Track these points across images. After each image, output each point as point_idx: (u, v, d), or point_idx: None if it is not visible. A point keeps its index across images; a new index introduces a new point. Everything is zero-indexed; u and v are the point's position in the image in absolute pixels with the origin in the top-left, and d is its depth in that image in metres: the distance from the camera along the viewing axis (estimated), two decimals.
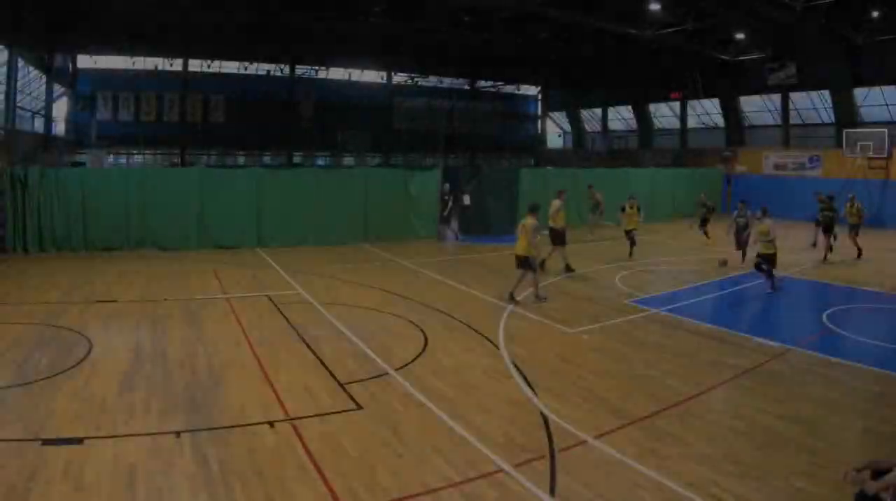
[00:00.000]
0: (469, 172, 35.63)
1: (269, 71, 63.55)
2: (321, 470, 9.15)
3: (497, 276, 23.45)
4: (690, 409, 11.65)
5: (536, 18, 45.47)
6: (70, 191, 26.90)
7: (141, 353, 14.25)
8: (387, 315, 18.16)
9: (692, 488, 8.80)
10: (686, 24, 41.69)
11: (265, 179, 30.16)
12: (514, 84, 76.79)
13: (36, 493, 8.29)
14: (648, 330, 16.99)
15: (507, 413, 11.36)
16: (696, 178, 48.44)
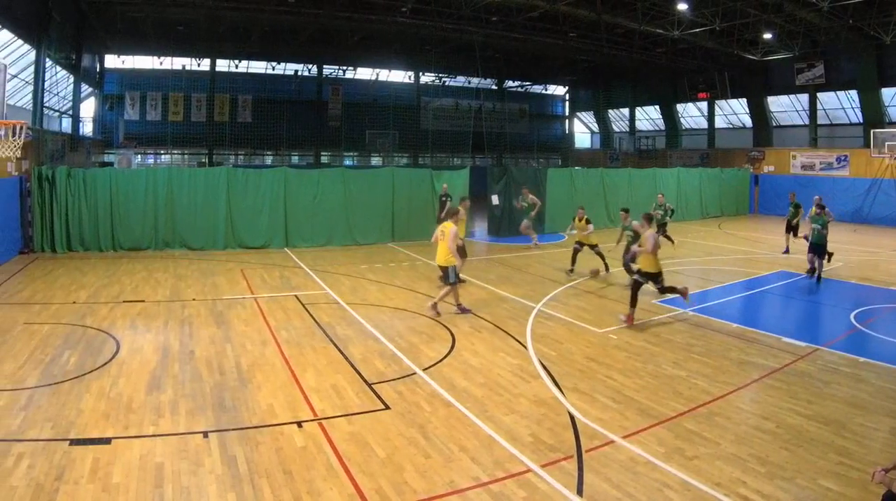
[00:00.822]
0: (497, 172, 35.49)
1: (297, 71, 63.83)
2: (349, 470, 9.21)
3: (524, 276, 23.46)
4: (718, 409, 11.63)
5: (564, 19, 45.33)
6: (98, 191, 27.05)
7: (169, 353, 14.35)
8: (414, 315, 18.18)
9: (720, 488, 8.82)
10: (714, 23, 41.48)
11: (292, 179, 30.15)
12: (541, 84, 76.66)
13: (64, 493, 8.36)
14: (676, 330, 16.94)
15: (535, 412, 11.37)
16: (723, 178, 48.20)
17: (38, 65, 36.13)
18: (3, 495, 8.24)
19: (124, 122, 56.08)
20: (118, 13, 44.03)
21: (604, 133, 76.58)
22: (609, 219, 38.39)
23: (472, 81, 69.23)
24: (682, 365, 14.06)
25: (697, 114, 64.21)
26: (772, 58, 50.21)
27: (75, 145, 42.36)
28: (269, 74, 62.90)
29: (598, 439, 10.33)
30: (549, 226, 35.38)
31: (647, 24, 43.54)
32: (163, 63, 56.94)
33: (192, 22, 48.32)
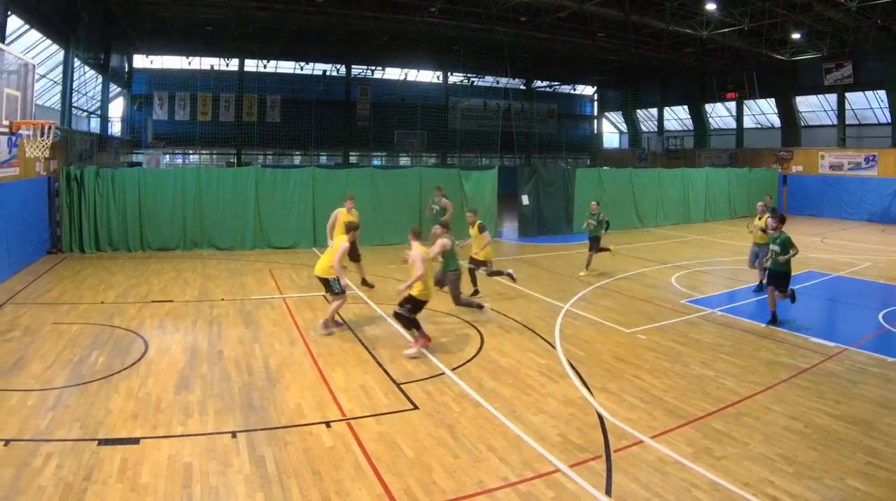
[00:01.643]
0: (526, 173, 35.48)
1: (326, 71, 64.11)
2: (377, 470, 9.26)
3: (553, 276, 23.47)
4: (746, 409, 11.62)
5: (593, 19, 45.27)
6: (126, 191, 27.20)
7: (197, 353, 14.44)
8: (443, 315, 18.21)
9: (748, 488, 8.82)
10: (742, 23, 41.32)
11: (321, 179, 30.22)
12: (570, 84, 76.58)
13: (92, 493, 8.44)
14: (704, 330, 16.92)
15: (563, 412, 11.39)
16: (751, 178, 48.03)
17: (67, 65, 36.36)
18: (32, 495, 8.34)
19: (153, 122, 56.39)
20: (146, 13, 44.29)
21: (632, 133, 76.39)
22: (638, 220, 38.39)
23: (501, 81, 69.16)
24: (710, 365, 14.05)
25: (726, 114, 63.98)
26: (800, 58, 50.04)
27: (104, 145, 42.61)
28: (297, 74, 63.14)
29: (626, 439, 10.35)
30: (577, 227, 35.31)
31: (675, 24, 43.39)
32: (191, 63, 57.20)
33: (220, 22, 48.44)
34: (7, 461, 9.20)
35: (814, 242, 33.56)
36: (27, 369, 13.01)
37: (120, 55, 52.76)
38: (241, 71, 60.49)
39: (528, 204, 34.49)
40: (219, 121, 57.90)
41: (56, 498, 8.28)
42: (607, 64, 64.36)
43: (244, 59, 59.95)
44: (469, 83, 69.60)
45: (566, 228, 35.11)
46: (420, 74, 68.13)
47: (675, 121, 70.42)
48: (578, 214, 35.35)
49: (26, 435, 10.05)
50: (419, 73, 67.89)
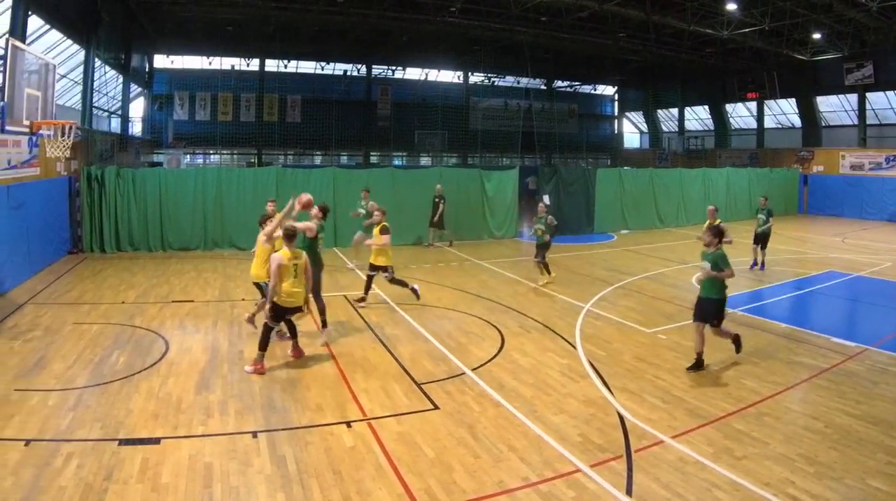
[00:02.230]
0: (547, 172, 35.46)
1: (346, 71, 63.98)
2: (398, 470, 9.28)
3: (573, 276, 23.46)
4: (767, 409, 11.62)
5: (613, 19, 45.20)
6: (147, 191, 27.35)
7: (218, 353, 14.51)
8: (463, 314, 18.22)
9: (769, 488, 8.82)
10: (763, 23, 41.18)
11: (341, 179, 30.32)
12: (590, 84, 76.36)
13: (113, 493, 8.48)
14: None
15: (584, 412, 11.40)
16: (772, 178, 47.88)
17: (87, 65, 36.47)
18: (53, 495, 8.39)
19: (173, 122, 56.44)
20: (167, 13, 44.38)
21: (653, 133, 76.12)
22: (659, 220, 38.32)
23: (522, 81, 68.86)
24: (730, 366, 14.05)
25: (746, 114, 63.73)
26: (821, 58, 49.80)
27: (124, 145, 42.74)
28: (318, 74, 63.05)
29: (647, 439, 10.35)
30: (598, 227, 35.33)
31: (696, 25, 43.25)
32: (212, 63, 57.23)
33: (240, 22, 48.57)
34: (28, 461, 9.25)
35: (834, 242, 33.49)
36: (48, 369, 13.09)
37: (140, 55, 52.91)
38: (262, 71, 60.47)
39: (549, 203, 34.45)
40: (239, 121, 57.85)
41: (77, 498, 8.32)
42: (628, 64, 64.12)
43: (265, 58, 59.91)
44: (490, 83, 69.36)
45: (587, 228, 35.10)
46: (441, 74, 67.95)
47: (695, 121, 70.15)
48: (599, 214, 35.41)
49: (47, 435, 10.10)
50: (440, 73, 67.71)
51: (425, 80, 67.27)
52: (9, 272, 20.02)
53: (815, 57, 49.75)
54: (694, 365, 13.80)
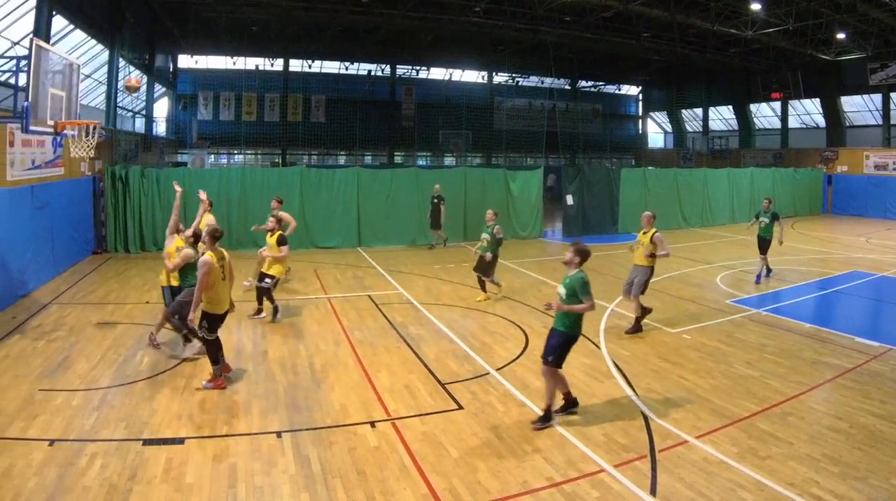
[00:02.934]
0: (571, 172, 35.42)
1: (371, 71, 64.20)
2: (422, 470, 9.31)
3: (598, 277, 23.27)
4: (791, 409, 11.60)
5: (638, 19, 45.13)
6: (171, 191, 27.00)
7: (242, 353, 14.58)
8: (487, 314, 18.26)
9: (793, 488, 8.81)
10: (787, 23, 41.04)
11: (365, 179, 30.29)
12: (615, 84, 76.24)
13: (137, 493, 8.54)
14: (749, 330, 16.85)
15: (608, 412, 11.40)
16: (797, 178, 47.70)
17: (112, 65, 36.67)
18: (77, 495, 8.45)
19: (197, 122, 56.66)
20: (191, 13, 44.61)
21: (677, 133, 75.91)
22: (683, 220, 38.23)
23: (546, 81, 68.79)
24: (754, 365, 14.00)
25: (771, 113, 63.50)
26: (845, 58, 49.59)
27: (148, 145, 42.96)
28: (342, 74, 63.28)
29: (671, 439, 10.35)
30: (622, 227, 35.29)
31: (720, 24, 43.15)
32: (236, 63, 57.40)
33: (265, 22, 48.74)
34: (52, 461, 9.31)
35: (859, 242, 33.31)
36: (72, 369, 13.18)
37: (164, 55, 53.22)
38: (286, 71, 60.69)
39: (572, 204, 34.44)
40: (263, 121, 58.00)
41: (101, 498, 8.38)
42: (652, 64, 64.05)
43: (289, 58, 60.21)
44: (514, 83, 69.30)
45: (611, 228, 35.07)
46: (465, 74, 68.02)
47: (719, 120, 69.91)
48: (623, 214, 35.35)
49: (71, 435, 10.17)
50: (464, 73, 67.79)
51: (450, 80, 67.37)
52: (33, 272, 20.16)
53: (840, 57, 49.55)
54: (542, 417, 10.95)
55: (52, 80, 14.87)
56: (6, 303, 17.95)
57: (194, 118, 56.67)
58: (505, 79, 69.18)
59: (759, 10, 39.53)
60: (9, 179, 18.79)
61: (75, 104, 16.44)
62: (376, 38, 54.16)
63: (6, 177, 18.65)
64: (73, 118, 16.15)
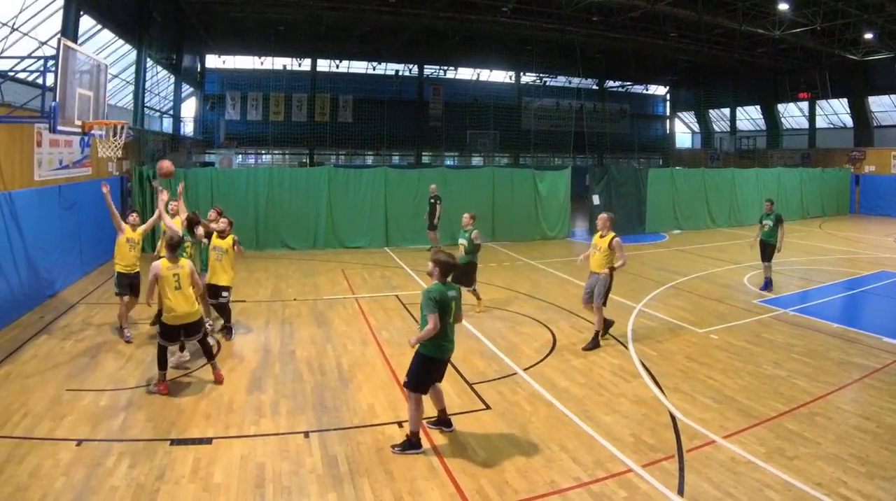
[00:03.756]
0: (598, 172, 35.37)
1: (398, 71, 64.27)
2: (449, 470, 9.32)
3: (625, 277, 23.23)
4: (819, 409, 11.55)
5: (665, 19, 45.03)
6: (198, 191, 27.43)
7: (269, 353, 14.64)
8: (515, 314, 18.23)
9: (820, 488, 8.78)
10: (815, 23, 40.86)
11: (393, 179, 30.31)
12: (642, 84, 76.05)
13: (164, 493, 8.59)
14: (777, 330, 16.78)
15: (636, 412, 11.40)
16: (824, 178, 47.44)
17: (139, 65, 36.84)
18: (105, 495, 8.50)
19: (225, 122, 57.05)
20: (218, 13, 44.86)
21: (704, 133, 75.61)
22: (711, 220, 38.11)
23: (573, 81, 68.48)
24: (782, 365, 13.95)
25: (798, 114, 63.16)
26: (873, 58, 49.29)
27: (176, 145, 43.18)
28: (370, 74, 63.44)
29: (698, 439, 10.33)
30: (649, 227, 35.25)
31: (747, 24, 42.99)
32: (263, 63, 57.44)
33: (292, 22, 48.85)
34: (80, 461, 9.37)
35: (886, 242, 33.14)
36: (99, 369, 13.28)
37: (192, 55, 53.47)
38: (314, 71, 60.85)
39: (598, 204, 34.40)
40: (291, 121, 58.32)
41: (128, 498, 8.43)
42: (679, 64, 63.69)
43: (317, 58, 60.34)
44: (542, 83, 69.29)
45: (638, 228, 34.99)
46: (492, 74, 67.99)
47: (747, 120, 69.60)
48: (651, 214, 35.31)
49: (99, 436, 10.23)
50: (492, 73, 67.77)
51: (477, 80, 67.31)
52: (60, 272, 20.27)
53: (867, 57, 49.27)
54: (402, 444, 10.02)
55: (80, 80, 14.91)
56: (34, 303, 18.09)
57: (222, 118, 57.02)
58: (532, 79, 69.13)
59: (786, 9, 39.36)
60: (36, 179, 18.89)
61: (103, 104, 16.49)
62: (404, 38, 54.24)
63: (34, 178, 18.75)
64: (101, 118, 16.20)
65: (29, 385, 12.28)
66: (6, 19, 22.16)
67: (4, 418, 10.75)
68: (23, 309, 17.35)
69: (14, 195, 16.95)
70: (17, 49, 23.44)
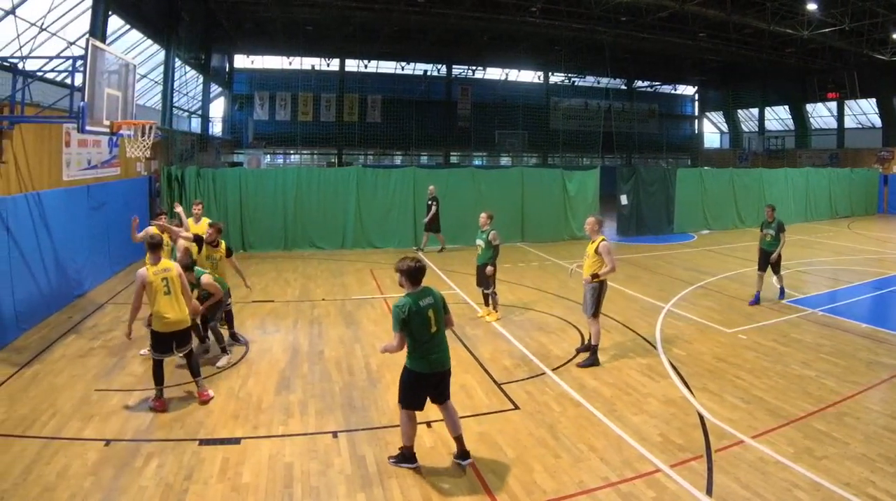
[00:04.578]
0: (626, 173, 35.30)
1: (427, 71, 64.64)
2: (478, 470, 9.34)
3: (653, 277, 23.32)
4: (847, 409, 11.51)
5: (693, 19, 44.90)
6: (227, 191, 27.72)
7: (298, 353, 14.68)
8: (543, 314, 18.19)
9: (849, 488, 8.76)
10: (843, 23, 40.66)
11: (422, 179, 30.19)
12: (670, 84, 75.89)
13: (193, 493, 8.65)
14: (805, 330, 16.71)
15: (664, 412, 11.39)
16: (853, 178, 47.16)
17: (168, 65, 37.02)
18: (133, 495, 8.57)
19: (253, 122, 57.28)
20: (247, 13, 44.98)
21: (733, 133, 75.34)
22: (739, 220, 37.92)
23: (602, 81, 68.61)
24: (810, 365, 13.90)
25: (827, 113, 62.91)
26: None
27: (204, 145, 43.31)
28: (398, 74, 63.78)
29: (727, 439, 10.31)
30: (678, 227, 35.16)
31: (776, 24, 42.82)
32: (292, 63, 57.85)
33: (321, 22, 48.98)
34: (108, 461, 9.45)
35: None
36: (128, 369, 13.38)
37: (220, 55, 53.74)
38: (342, 71, 61.21)
39: (626, 203, 34.34)
40: (319, 121, 58.47)
41: (157, 498, 8.50)
42: (708, 63, 63.57)
43: (345, 58, 60.64)
44: (570, 83, 69.29)
45: (667, 228, 34.90)
46: (521, 74, 68.24)
47: (775, 120, 69.35)
48: (679, 214, 35.22)
49: (127, 436, 10.31)
50: (520, 73, 67.99)
51: (506, 80, 67.59)
52: (89, 272, 20.38)
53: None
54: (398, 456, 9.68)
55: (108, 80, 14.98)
56: (62, 303, 18.20)
57: (250, 118, 57.25)
58: (561, 79, 69.17)
59: (814, 9, 39.24)
60: (65, 179, 19.00)
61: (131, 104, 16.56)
62: (432, 38, 54.33)
63: (62, 178, 18.86)
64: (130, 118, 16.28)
65: (57, 384, 12.39)
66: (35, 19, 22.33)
67: (33, 418, 10.86)
68: (51, 308, 17.47)
69: (43, 195, 17.05)
70: (46, 49, 23.61)
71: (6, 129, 15.01)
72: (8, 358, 13.96)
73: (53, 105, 16.69)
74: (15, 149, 15.81)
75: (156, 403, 11.52)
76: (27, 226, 16.10)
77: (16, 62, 15.42)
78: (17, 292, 15.35)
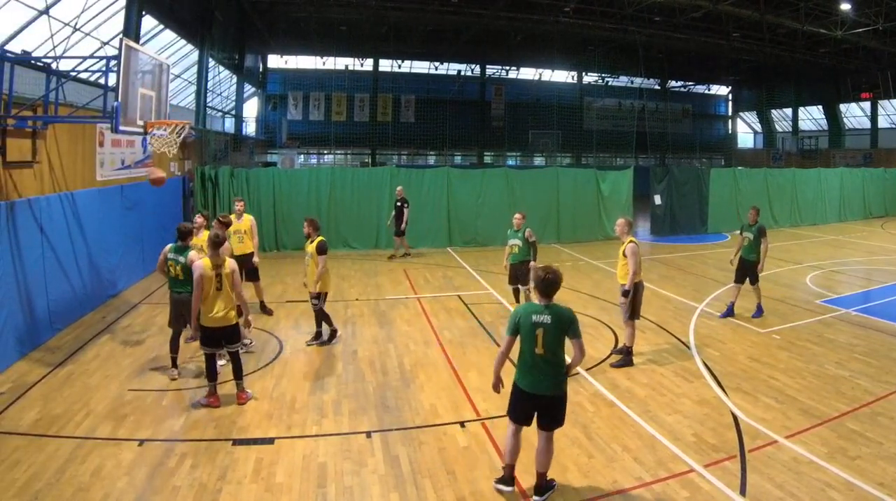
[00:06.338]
0: (659, 173, 35.17)
1: (460, 71, 64.67)
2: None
3: (687, 277, 23.22)
4: (881, 409, 11.45)
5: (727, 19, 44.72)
6: (261, 191, 27.76)
7: (332, 353, 14.72)
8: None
9: (882, 488, 8.72)
10: (877, 23, 40.39)
11: (455, 179, 30.22)
12: (704, 84, 75.59)
13: (227, 493, 8.67)
14: (839, 330, 16.61)
15: (698, 412, 11.35)
16: (887, 178, 46.74)
17: (201, 65, 37.18)
18: (167, 495, 8.60)
19: (287, 122, 57.44)
20: (280, 13, 45.24)
21: (767, 133, 74.99)
22: (773, 220, 37.66)
23: (635, 81, 68.49)
24: (844, 365, 13.82)
25: (860, 114, 62.65)
26: None
27: (238, 145, 43.45)
28: (432, 74, 63.95)
29: (760, 439, 10.26)
30: (711, 227, 35.01)
31: (809, 24, 42.70)
32: (325, 63, 57.92)
33: (354, 22, 49.20)
34: (142, 461, 9.50)
35: None
36: (161, 369, 13.41)
37: (254, 55, 53.97)
38: (376, 71, 61.37)
39: (660, 203, 34.22)
40: (353, 121, 58.72)
41: (190, 498, 8.53)
42: (742, 64, 63.33)
43: (378, 58, 60.81)
44: (603, 83, 69.25)
45: (700, 228, 34.76)
46: (554, 74, 68.16)
47: (809, 120, 69.09)
48: (713, 214, 35.08)
49: (161, 436, 10.36)
50: (554, 73, 67.92)
51: (539, 80, 67.52)
52: (123, 272, 20.46)
53: None
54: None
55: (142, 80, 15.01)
56: (96, 304, 18.30)
57: (284, 118, 57.46)
58: (594, 79, 69.13)
59: (848, 9, 39.04)
60: (98, 179, 19.07)
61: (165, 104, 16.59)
62: (466, 38, 54.39)
63: (96, 177, 18.93)
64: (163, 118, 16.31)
65: (91, 384, 12.46)
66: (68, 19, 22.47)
67: (67, 418, 10.91)
68: (85, 309, 17.56)
69: (76, 195, 17.10)
70: (80, 49, 23.75)
71: (40, 129, 15.08)
72: (42, 357, 14.05)
73: (87, 105, 16.77)
74: (48, 149, 15.89)
75: (210, 399, 11.64)
76: (61, 227, 16.17)
77: (49, 62, 15.49)
78: (51, 292, 15.45)
